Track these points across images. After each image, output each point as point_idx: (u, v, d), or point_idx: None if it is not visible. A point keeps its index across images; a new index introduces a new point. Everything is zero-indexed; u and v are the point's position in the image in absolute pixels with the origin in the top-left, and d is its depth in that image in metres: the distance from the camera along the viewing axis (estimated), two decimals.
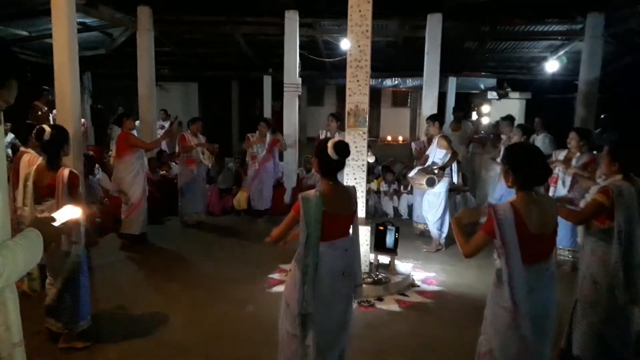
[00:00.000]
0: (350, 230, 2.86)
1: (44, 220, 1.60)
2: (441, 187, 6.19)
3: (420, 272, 5.54)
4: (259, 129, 7.78)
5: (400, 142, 16.52)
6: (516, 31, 9.92)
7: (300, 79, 8.89)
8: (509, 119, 7.18)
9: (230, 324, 4.17)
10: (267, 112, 13.17)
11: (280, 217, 3.46)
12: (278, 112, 12.87)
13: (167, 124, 11.27)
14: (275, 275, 5.33)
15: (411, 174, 6.39)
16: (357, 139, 5.06)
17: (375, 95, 6.84)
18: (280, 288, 4.97)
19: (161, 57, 10.18)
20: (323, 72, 12.44)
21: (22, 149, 4.77)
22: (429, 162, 6.37)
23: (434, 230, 6.41)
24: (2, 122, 1.56)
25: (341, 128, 6.81)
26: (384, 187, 8.61)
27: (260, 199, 7.85)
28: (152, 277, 5.36)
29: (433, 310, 4.58)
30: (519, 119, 13.93)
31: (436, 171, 6.12)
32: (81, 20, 8.28)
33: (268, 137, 7.84)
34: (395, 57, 11.59)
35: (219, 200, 8.50)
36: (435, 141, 6.38)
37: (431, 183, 6.08)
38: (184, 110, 14.42)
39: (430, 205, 6.35)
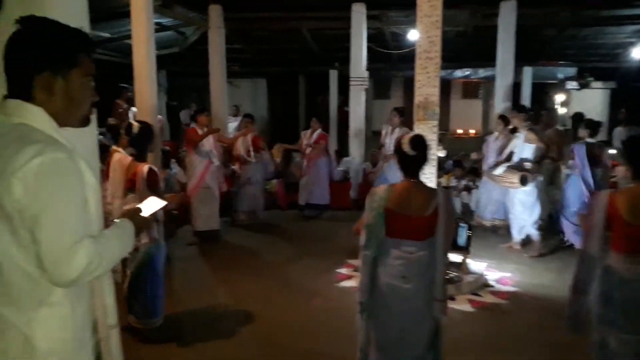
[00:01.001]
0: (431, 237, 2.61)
1: (133, 212, 1.69)
2: (532, 184, 5.71)
3: (495, 271, 5.33)
4: (311, 125, 7.85)
5: (471, 135, 15.99)
6: (600, 16, 9.28)
7: (367, 72, 8.83)
8: (578, 116, 6.70)
9: (298, 316, 4.23)
10: (333, 107, 13.21)
11: (341, 213, 3.46)
12: (341, 107, 12.93)
13: (237, 120, 11.61)
14: (343, 270, 5.34)
15: (497, 171, 5.93)
16: (426, 133, 4.92)
17: (444, 87, 6.69)
18: (348, 283, 4.99)
19: (231, 54, 10.46)
20: (390, 64, 12.28)
21: (113, 147, 5.05)
22: (515, 159, 5.87)
23: (532, 232, 5.87)
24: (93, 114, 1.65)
25: (405, 123, 6.63)
26: (453, 182, 8.38)
27: (311, 195, 7.84)
28: (220, 268, 5.52)
29: (508, 312, 4.40)
30: (603, 110, 13.04)
31: (529, 167, 5.64)
32: (157, 20, 8.66)
33: (315, 133, 7.86)
34: (465, 47, 11.24)
35: (285, 195, 8.63)
36: (521, 135, 5.90)
37: (525, 181, 5.56)
38: (253, 106, 14.77)
39: (525, 206, 5.82)
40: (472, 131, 16.14)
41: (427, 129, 4.93)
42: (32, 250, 1.31)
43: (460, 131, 16.31)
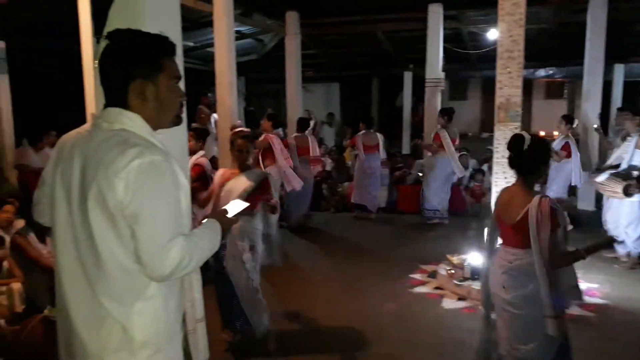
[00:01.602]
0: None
1: (220, 212, 1.77)
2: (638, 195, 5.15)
3: (581, 282, 4.99)
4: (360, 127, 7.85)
5: (554, 137, 15.13)
6: None
7: (443, 73, 8.65)
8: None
9: (370, 320, 4.20)
10: (407, 109, 13.04)
11: (413, 217, 3.39)
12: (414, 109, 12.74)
13: (311, 124, 11.78)
14: (417, 276, 5.25)
15: (599, 178, 5.43)
16: (508, 135, 4.74)
17: (526, 87, 6.39)
18: (422, 289, 4.90)
19: (306, 59, 10.65)
20: (467, 64, 11.94)
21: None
22: (623, 165, 5.34)
23: (632, 246, 5.40)
24: (183, 120, 1.75)
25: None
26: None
27: (364, 196, 7.76)
28: (292, 268, 5.57)
29: (596, 325, 4.11)
30: None
31: (637, 176, 5.11)
32: (237, 28, 9.01)
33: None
34: (548, 44, 10.67)
35: None
36: (633, 140, 5.32)
37: (629, 192, 5.05)
38: (326, 110, 14.93)
39: (630, 218, 5.34)
40: (555, 133, 15.24)
41: (509, 131, 4.73)
42: (131, 247, 1.41)
43: (542, 133, 15.46)
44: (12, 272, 3.91)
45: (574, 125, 6.31)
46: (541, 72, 11.80)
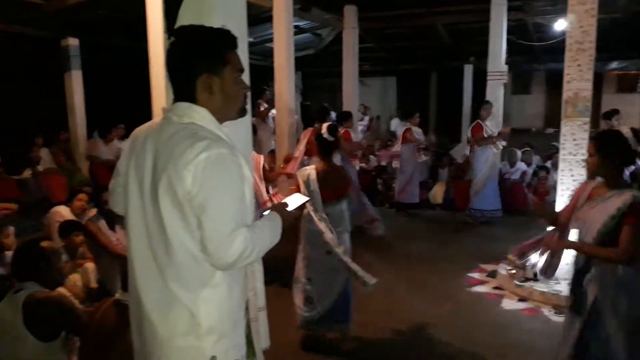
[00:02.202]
0: None
1: (280, 206, 1.81)
2: None
3: None
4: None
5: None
6: None
7: (506, 66, 8.34)
8: None
9: (427, 318, 4.14)
10: (467, 103, 12.70)
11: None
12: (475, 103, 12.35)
13: (366, 119, 11.75)
14: (475, 275, 5.12)
15: None
16: (575, 130, 4.53)
17: (595, 80, 6.03)
18: (480, 288, 4.78)
19: (363, 53, 10.60)
20: (531, 57, 11.47)
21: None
22: None
23: None
24: (248, 111, 1.79)
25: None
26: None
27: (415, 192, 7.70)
28: None
29: None
30: None
31: None
32: (296, 23, 9.10)
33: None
34: (621, 35, 10.03)
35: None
36: None
37: None
38: (382, 105, 14.82)
39: None
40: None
41: (577, 127, 4.52)
42: (197, 236, 1.47)
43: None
44: (85, 255, 4.17)
45: (612, 121, 5.95)
46: (613, 65, 11.13)
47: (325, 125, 3.58)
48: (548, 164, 8.34)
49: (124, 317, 2.10)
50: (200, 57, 1.56)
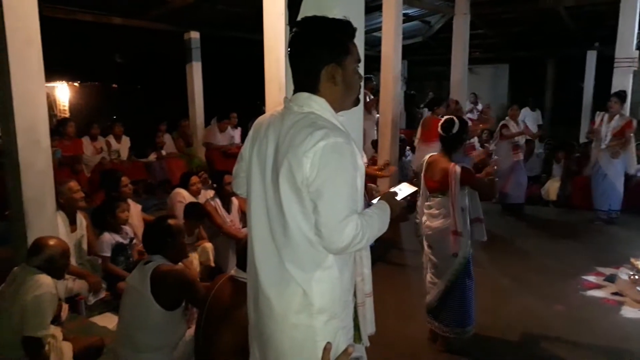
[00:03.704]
0: None
1: (389, 195, 1.83)
2: None
3: None
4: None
5: None
6: None
7: (638, 51, 7.54)
8: None
9: (537, 320, 3.94)
10: (589, 92, 11.67)
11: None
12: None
13: (476, 108, 11.27)
14: (591, 278, 4.74)
15: None
16: None
17: None
18: (596, 292, 4.43)
19: (473, 40, 10.17)
20: None
21: None
22: None
23: None
24: (361, 101, 1.81)
25: None
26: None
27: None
28: None
29: None
30: None
31: None
32: (404, 11, 8.97)
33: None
34: None
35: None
36: None
37: None
38: (492, 93, 14.11)
39: None
40: None
41: None
42: (312, 220, 1.54)
43: None
44: (201, 234, 4.52)
45: None
46: None
47: (444, 120, 3.48)
48: None
49: (239, 292, 2.26)
50: (326, 47, 1.60)
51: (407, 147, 8.73)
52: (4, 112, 3.31)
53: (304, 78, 1.64)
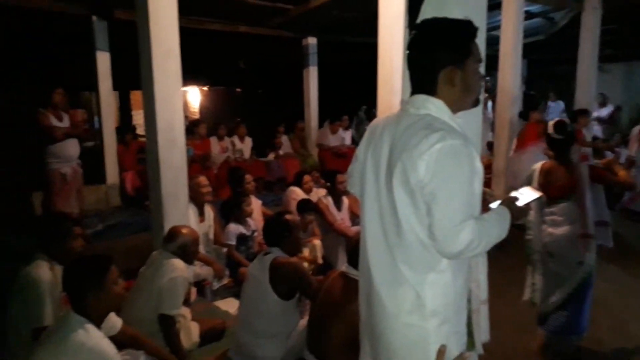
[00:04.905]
0: None
1: (510, 200, 1.75)
2: None
3: None
4: None
5: None
6: None
7: None
8: None
9: None
10: None
11: None
12: None
13: (605, 110, 10.36)
14: None
15: None
16: None
17: None
18: None
19: (603, 36, 9.29)
20: None
21: None
22: None
23: None
24: (481, 101, 1.77)
25: None
26: None
27: None
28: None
29: None
30: None
31: None
32: (526, 8, 8.48)
33: None
34: None
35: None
36: None
37: None
38: (625, 94, 12.77)
39: None
40: None
41: None
42: (425, 222, 1.53)
43: None
44: (314, 231, 4.70)
45: None
46: None
47: (551, 124, 3.28)
48: None
49: (350, 288, 2.33)
50: (446, 49, 1.58)
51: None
52: (148, 115, 3.72)
53: (422, 80, 1.63)
